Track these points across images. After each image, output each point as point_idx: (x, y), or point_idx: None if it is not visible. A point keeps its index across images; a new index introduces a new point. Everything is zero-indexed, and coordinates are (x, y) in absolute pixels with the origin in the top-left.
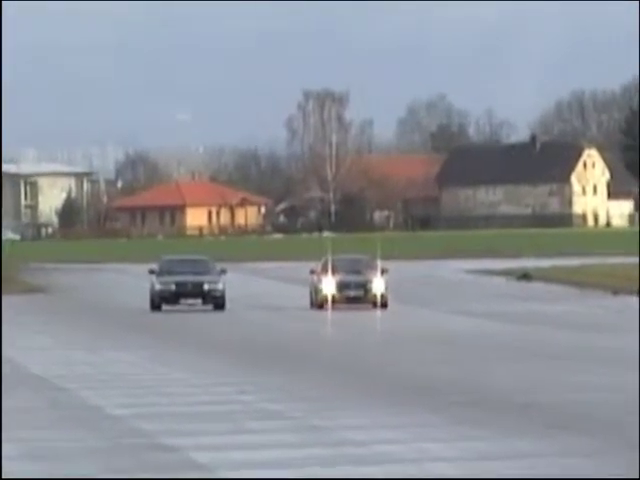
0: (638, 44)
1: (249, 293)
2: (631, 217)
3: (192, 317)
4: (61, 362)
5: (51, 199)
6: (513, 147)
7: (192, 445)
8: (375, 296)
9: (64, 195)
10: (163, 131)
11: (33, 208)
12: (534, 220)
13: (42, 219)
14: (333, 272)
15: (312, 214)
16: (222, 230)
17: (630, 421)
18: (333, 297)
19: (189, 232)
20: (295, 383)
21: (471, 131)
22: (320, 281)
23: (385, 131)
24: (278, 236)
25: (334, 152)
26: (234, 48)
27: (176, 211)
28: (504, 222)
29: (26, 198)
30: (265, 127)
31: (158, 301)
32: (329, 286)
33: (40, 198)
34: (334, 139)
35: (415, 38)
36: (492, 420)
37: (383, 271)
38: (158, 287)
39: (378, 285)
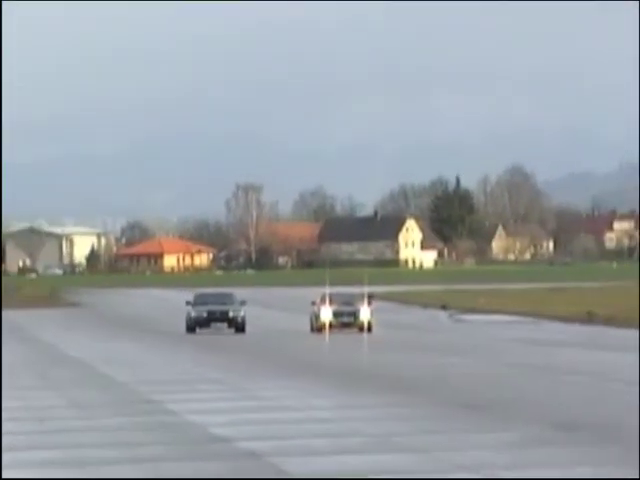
0: (638, 44)
1: None
2: (435, 261)
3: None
4: (88, 348)
5: (82, 249)
6: (364, 218)
7: (168, 399)
8: (362, 322)
9: (90, 247)
10: (150, 207)
11: (70, 255)
12: (376, 263)
13: (76, 261)
14: (330, 303)
15: (240, 259)
16: (186, 269)
17: (437, 386)
18: (330, 323)
19: (165, 270)
20: (234, 363)
21: (338, 208)
22: (320, 310)
23: (286, 208)
24: (220, 272)
25: (254, 221)
26: (194, 158)
27: (157, 257)
28: (358, 264)
29: (67, 248)
30: (213, 205)
31: (193, 325)
32: (327, 314)
33: (75, 248)
34: (254, 213)
35: (304, 149)
36: (356, 386)
37: (370, 302)
38: (194, 314)
39: (365, 313)
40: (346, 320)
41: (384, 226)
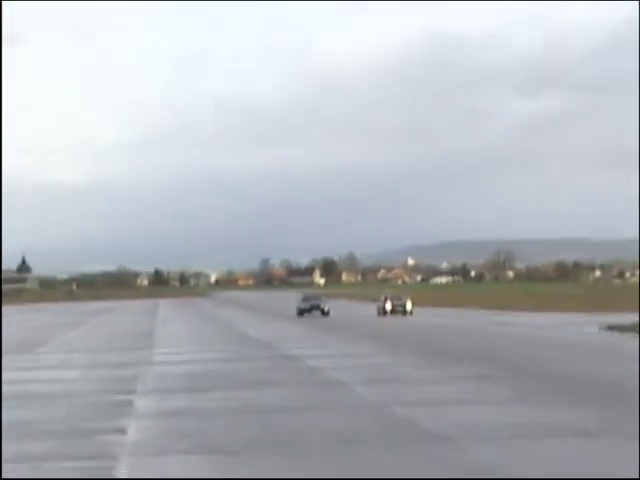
0: (638, 44)
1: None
2: None
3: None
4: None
5: None
6: None
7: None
8: (408, 310)
9: None
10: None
11: None
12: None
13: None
14: (390, 300)
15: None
16: None
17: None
18: (391, 309)
19: None
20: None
21: None
22: (384, 304)
23: None
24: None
25: None
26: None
27: None
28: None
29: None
30: None
31: (302, 312)
32: (389, 306)
33: None
34: None
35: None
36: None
37: (412, 301)
38: (301, 306)
39: (409, 305)
40: (399, 309)
41: None
